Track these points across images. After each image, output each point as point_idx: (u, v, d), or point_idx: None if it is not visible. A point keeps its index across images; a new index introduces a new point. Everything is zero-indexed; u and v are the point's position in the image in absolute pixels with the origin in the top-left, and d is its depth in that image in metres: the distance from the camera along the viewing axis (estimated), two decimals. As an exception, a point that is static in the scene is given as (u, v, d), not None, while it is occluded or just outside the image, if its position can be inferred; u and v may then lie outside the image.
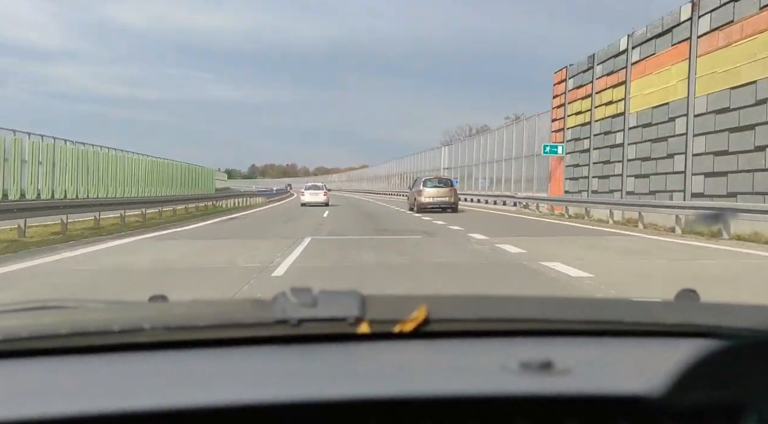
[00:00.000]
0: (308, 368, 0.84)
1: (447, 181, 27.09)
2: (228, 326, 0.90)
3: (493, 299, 1.06)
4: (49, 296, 3.53)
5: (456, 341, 0.93)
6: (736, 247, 11.07)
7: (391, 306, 0.94)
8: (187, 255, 9.80)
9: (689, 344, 0.79)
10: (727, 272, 7.99)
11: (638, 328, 0.99)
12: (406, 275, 7.55)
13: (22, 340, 0.89)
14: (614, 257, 9.63)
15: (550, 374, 0.77)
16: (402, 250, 10.18)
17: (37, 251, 10.03)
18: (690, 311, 1.06)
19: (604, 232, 14.83)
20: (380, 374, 0.83)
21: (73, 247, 10.79)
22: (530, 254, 9.35)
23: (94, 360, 0.87)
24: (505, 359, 0.80)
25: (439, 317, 0.91)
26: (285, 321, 0.87)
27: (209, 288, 6.51)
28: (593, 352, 0.92)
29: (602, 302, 1.07)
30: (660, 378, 0.69)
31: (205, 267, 8.29)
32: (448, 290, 5.98)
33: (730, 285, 6.83)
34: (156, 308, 1.02)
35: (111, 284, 6.77)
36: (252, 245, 11.09)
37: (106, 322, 0.91)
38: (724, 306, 1.07)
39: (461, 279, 7.30)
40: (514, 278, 7.39)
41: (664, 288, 5.42)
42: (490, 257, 9.41)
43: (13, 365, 0.86)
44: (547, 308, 1.02)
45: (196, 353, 0.88)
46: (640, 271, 8.08)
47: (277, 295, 0.89)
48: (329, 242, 11.96)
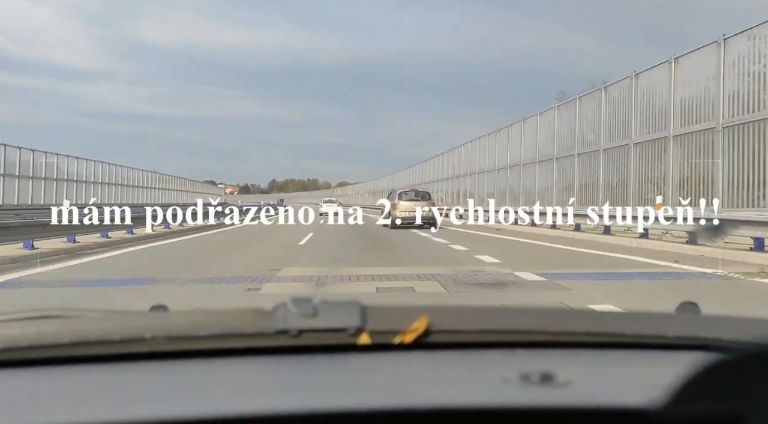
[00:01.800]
0: (308, 378, 0.83)
1: (424, 194, 24.90)
2: (229, 336, 0.90)
3: (494, 311, 1.06)
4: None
5: (457, 353, 0.93)
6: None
7: (392, 317, 0.94)
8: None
9: (690, 356, 0.79)
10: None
11: (639, 340, 0.98)
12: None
13: (23, 349, 0.89)
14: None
15: (551, 386, 0.77)
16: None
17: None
18: (691, 324, 1.05)
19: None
20: (381, 385, 0.83)
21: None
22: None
23: (96, 370, 0.87)
24: (506, 371, 0.80)
25: (439, 328, 0.91)
26: (285, 331, 0.87)
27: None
28: (594, 364, 0.92)
29: (603, 314, 1.07)
30: (661, 391, 0.69)
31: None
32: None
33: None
34: (157, 318, 1.02)
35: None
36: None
37: (107, 331, 0.91)
38: (726, 319, 1.07)
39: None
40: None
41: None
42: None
43: (13, 374, 0.86)
44: (548, 320, 1.02)
45: (197, 363, 0.88)
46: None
47: (278, 305, 0.89)
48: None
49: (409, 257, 12.42)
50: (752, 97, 13.26)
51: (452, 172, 39.07)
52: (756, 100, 13.12)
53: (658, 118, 16.78)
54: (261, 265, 10.47)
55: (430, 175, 44.78)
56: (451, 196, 38.25)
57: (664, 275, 9.28)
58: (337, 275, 9.07)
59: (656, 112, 16.90)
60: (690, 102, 15.35)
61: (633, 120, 17.90)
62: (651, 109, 17.20)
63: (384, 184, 66.92)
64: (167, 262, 11.66)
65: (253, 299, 6.85)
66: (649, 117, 17.30)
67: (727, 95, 13.86)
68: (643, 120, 17.55)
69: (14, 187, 30.74)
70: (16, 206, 28.91)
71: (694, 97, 15.20)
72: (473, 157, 34.28)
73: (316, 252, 13.18)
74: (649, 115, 17.27)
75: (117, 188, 44.94)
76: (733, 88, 13.81)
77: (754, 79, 13.25)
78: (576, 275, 9.09)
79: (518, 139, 27.21)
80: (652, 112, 17.17)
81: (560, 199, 22.21)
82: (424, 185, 36.82)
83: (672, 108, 15.79)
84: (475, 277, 8.86)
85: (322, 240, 17.39)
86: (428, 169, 46.47)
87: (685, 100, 15.50)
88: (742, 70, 13.67)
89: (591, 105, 20.74)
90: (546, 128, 24.31)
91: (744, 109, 13.38)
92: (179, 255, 13.17)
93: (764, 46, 12.97)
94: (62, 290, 7.89)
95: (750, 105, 13.26)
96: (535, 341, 0.97)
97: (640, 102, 17.67)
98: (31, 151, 32.64)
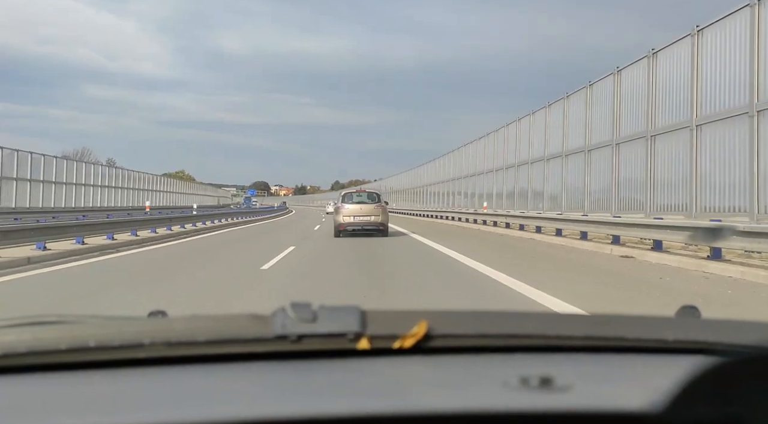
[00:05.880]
0: (308, 384, 0.83)
1: (374, 195, 20.37)
2: (228, 341, 0.90)
3: (493, 315, 1.05)
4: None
5: (456, 357, 0.93)
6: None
7: (392, 321, 0.94)
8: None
9: (690, 360, 0.78)
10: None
11: (639, 344, 0.98)
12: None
13: (21, 355, 0.89)
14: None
15: (550, 390, 0.76)
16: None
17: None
18: (691, 328, 1.05)
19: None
20: (380, 390, 0.82)
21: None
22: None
23: (94, 376, 0.86)
24: (505, 375, 0.80)
25: (439, 332, 0.91)
26: (285, 337, 0.87)
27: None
28: (593, 368, 0.92)
29: (602, 317, 1.06)
30: (661, 394, 0.69)
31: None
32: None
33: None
34: (155, 323, 1.02)
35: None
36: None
37: (106, 337, 0.91)
38: (725, 322, 1.07)
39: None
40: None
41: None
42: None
43: (11, 381, 0.86)
44: (547, 324, 1.02)
45: (196, 369, 0.88)
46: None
47: (277, 310, 0.89)
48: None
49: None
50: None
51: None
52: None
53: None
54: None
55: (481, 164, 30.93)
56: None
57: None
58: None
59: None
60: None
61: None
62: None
63: (406, 180, 53.75)
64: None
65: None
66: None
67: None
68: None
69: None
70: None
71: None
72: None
73: (281, 288, 8.02)
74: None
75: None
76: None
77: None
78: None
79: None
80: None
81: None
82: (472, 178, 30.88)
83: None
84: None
85: (304, 258, 12.33)
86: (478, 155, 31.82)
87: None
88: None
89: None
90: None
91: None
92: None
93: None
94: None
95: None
96: (534, 345, 0.96)
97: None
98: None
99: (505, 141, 27.21)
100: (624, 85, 16.43)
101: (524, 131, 24.65)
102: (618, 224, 14.30)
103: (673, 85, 13.92)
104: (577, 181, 19.37)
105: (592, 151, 18.18)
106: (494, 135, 29.02)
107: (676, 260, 11.08)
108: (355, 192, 20.81)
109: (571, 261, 11.83)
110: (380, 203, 19.81)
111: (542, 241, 17.28)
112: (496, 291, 7.74)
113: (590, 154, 18.32)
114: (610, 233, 14.64)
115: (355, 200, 19.69)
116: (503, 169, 27.23)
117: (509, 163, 26.42)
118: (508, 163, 26.53)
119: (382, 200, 20.24)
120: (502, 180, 27.37)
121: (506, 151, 27.07)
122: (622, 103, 16.41)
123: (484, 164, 30.57)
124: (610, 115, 17.05)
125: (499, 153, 28.03)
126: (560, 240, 16.78)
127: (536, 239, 17.91)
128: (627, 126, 16.17)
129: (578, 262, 11.69)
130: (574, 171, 19.58)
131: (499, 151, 28.19)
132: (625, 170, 16.16)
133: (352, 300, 2.58)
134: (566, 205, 19.97)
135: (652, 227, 12.70)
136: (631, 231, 13.63)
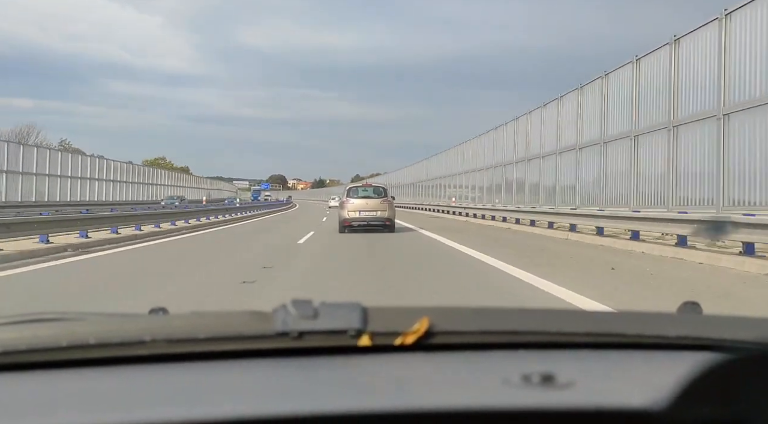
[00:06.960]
0: (309, 381, 0.83)
1: (380, 189, 19.56)
2: (229, 338, 0.90)
3: (495, 311, 1.05)
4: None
5: (458, 354, 0.92)
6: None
7: (393, 318, 0.94)
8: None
9: (693, 357, 0.78)
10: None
11: (641, 340, 0.98)
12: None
13: (21, 353, 0.89)
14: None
15: (552, 387, 0.76)
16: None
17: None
18: (693, 324, 1.05)
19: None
20: (381, 387, 0.82)
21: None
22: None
23: (95, 373, 0.86)
24: (507, 372, 0.80)
25: (440, 329, 0.91)
26: (286, 334, 0.87)
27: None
28: (596, 365, 0.92)
29: (605, 314, 1.05)
30: (663, 391, 0.68)
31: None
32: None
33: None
34: (156, 320, 1.02)
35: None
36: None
37: (106, 334, 0.91)
38: (728, 319, 1.06)
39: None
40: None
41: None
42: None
43: (11, 378, 0.86)
44: (549, 321, 1.01)
45: (197, 366, 0.88)
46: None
47: (278, 307, 0.89)
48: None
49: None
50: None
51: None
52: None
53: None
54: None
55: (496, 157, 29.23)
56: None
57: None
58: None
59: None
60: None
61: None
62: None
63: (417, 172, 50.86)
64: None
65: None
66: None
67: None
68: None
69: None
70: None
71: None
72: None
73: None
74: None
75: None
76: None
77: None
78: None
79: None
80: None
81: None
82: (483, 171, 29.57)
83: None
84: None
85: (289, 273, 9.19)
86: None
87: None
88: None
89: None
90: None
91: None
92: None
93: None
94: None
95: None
96: (536, 342, 0.96)
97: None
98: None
99: (515, 134, 26.33)
100: (643, 75, 15.78)
101: (535, 124, 23.82)
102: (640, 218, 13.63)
103: (698, 74, 13.15)
104: (592, 173, 18.57)
105: (608, 144, 17.56)
106: (503, 128, 27.99)
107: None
108: (361, 186, 20.21)
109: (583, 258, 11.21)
110: (387, 198, 19.09)
111: (578, 241, 15.64)
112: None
113: (606, 147, 17.68)
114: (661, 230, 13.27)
115: (361, 195, 18.99)
116: (513, 164, 26.29)
117: (519, 157, 25.63)
118: (518, 158, 25.75)
119: (388, 195, 19.50)
120: (513, 174, 26.51)
121: (516, 145, 26.17)
122: (641, 93, 15.74)
123: (493, 158, 29.46)
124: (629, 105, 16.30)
125: (509, 147, 27.08)
126: (577, 236, 15.99)
127: (572, 239, 16.29)
128: (645, 118, 15.50)
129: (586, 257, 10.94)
130: (589, 164, 18.84)
131: (508, 144, 27.16)
132: (645, 163, 15.54)
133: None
134: (581, 201, 19.19)
135: (674, 221, 12.23)
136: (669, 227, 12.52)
